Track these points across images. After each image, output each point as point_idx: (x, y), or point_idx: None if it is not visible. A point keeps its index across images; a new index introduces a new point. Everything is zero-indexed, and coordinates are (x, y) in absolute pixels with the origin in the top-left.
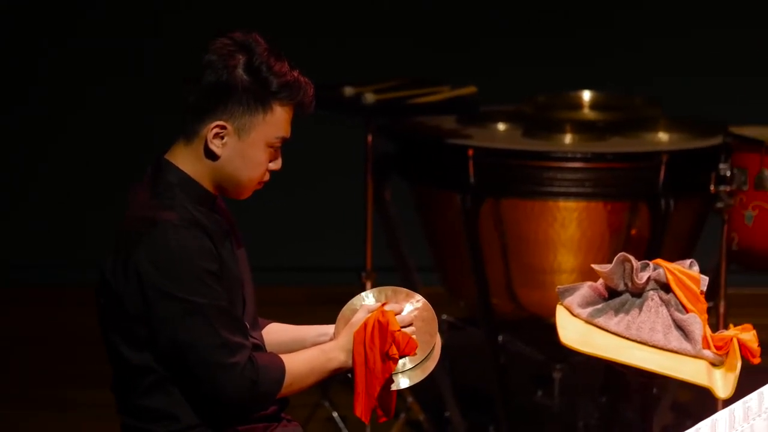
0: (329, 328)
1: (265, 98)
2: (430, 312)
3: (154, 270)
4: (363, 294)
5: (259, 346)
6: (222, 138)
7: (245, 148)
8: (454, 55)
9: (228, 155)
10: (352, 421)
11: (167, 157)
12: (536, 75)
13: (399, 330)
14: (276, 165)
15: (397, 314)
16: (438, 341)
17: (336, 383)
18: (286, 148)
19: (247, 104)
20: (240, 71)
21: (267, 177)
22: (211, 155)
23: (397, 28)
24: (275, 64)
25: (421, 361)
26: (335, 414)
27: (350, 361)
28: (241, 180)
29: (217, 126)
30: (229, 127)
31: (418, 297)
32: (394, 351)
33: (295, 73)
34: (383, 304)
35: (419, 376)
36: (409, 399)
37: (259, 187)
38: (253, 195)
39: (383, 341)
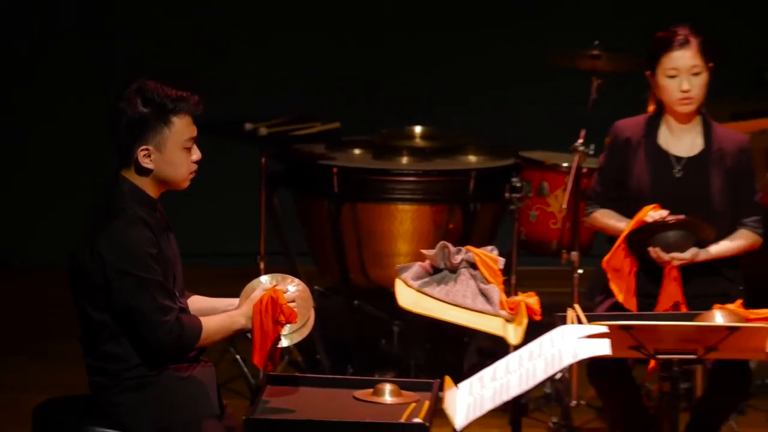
0: (234, 301)
1: (164, 117)
2: (308, 293)
3: (112, 254)
4: (260, 278)
5: (185, 310)
6: (149, 156)
7: (167, 157)
8: (323, 99)
9: (158, 167)
10: (249, 364)
11: (121, 173)
12: (382, 114)
13: (285, 304)
14: (196, 156)
15: (284, 293)
16: (312, 314)
17: (239, 338)
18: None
19: (154, 127)
20: (140, 108)
21: (194, 168)
22: (146, 171)
23: (283, 81)
24: (162, 91)
25: (299, 328)
26: (238, 357)
27: (249, 325)
28: (176, 178)
29: (141, 151)
30: (150, 147)
31: (299, 282)
32: (281, 318)
33: (179, 93)
34: (274, 286)
35: (297, 338)
36: (291, 345)
37: (193, 176)
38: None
39: (274, 311)
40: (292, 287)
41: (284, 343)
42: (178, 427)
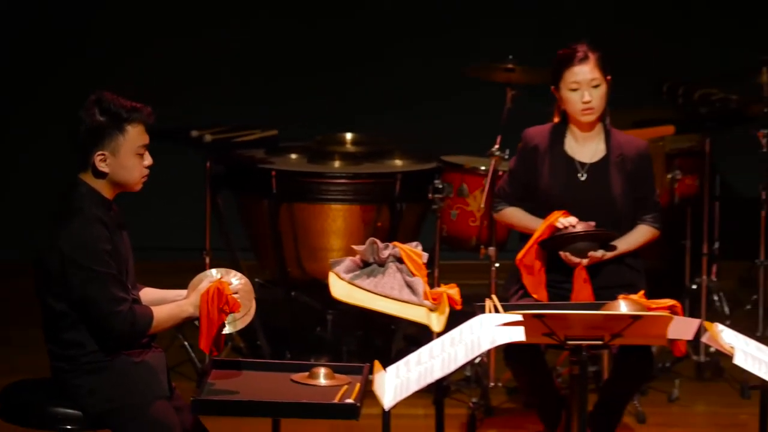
0: (183, 292)
1: (119, 125)
2: (250, 286)
3: (70, 249)
4: (206, 271)
5: (137, 300)
6: (105, 161)
7: (122, 162)
8: (262, 109)
9: (113, 170)
10: (196, 349)
11: (80, 176)
12: (316, 121)
13: (229, 295)
14: (147, 162)
15: (228, 285)
16: (253, 304)
17: (186, 325)
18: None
19: (110, 134)
20: (98, 117)
21: (146, 172)
22: (102, 175)
23: (226, 93)
24: (118, 102)
25: (242, 317)
26: (186, 343)
27: (197, 313)
28: (129, 181)
29: (98, 156)
30: (106, 153)
31: (242, 275)
32: (226, 308)
33: (133, 104)
34: (219, 278)
35: (240, 326)
36: (234, 333)
37: (145, 179)
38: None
39: (219, 301)
40: (236, 280)
41: (228, 330)
42: (131, 407)
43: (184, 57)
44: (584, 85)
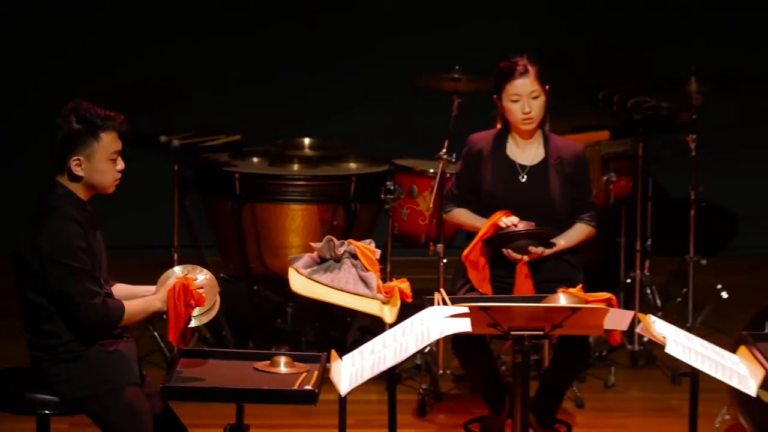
0: (152, 287)
1: (94, 132)
2: (214, 281)
3: (48, 246)
4: (173, 268)
5: (110, 295)
6: (80, 165)
7: (96, 166)
8: (225, 116)
9: (88, 174)
10: (165, 340)
11: (57, 178)
12: (276, 127)
13: (195, 290)
14: (120, 166)
15: (194, 281)
16: (218, 299)
17: (156, 318)
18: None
19: (86, 141)
20: (74, 124)
21: (119, 176)
22: (77, 178)
23: (194, 100)
24: (93, 111)
25: (207, 311)
26: (156, 334)
27: (165, 308)
28: (102, 184)
29: (74, 161)
30: (81, 158)
31: (207, 271)
32: (192, 302)
33: (107, 112)
34: (186, 274)
35: (205, 320)
36: (200, 325)
37: (117, 182)
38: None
39: (186, 296)
40: (201, 276)
41: (194, 323)
42: (105, 393)
43: (161, 65)
44: (524, 96)
